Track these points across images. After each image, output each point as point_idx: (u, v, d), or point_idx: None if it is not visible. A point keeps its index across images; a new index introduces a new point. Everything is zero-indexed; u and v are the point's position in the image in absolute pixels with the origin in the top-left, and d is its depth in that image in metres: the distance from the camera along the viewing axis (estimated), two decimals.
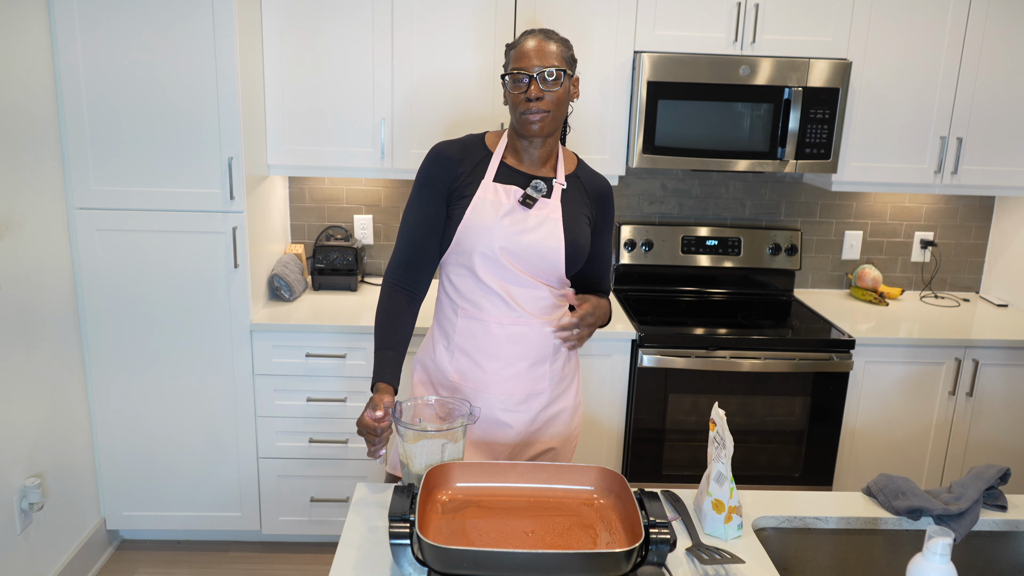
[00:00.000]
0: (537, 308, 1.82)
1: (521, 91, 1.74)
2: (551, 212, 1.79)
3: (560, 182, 1.82)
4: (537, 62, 1.73)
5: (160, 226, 2.60)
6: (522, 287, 1.80)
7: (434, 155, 1.83)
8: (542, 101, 1.73)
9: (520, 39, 1.78)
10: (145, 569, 2.82)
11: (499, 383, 1.84)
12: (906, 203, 3.34)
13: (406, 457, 1.57)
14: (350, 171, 2.87)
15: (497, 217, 1.76)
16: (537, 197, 1.78)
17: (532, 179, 1.81)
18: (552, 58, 1.74)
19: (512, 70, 1.75)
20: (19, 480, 2.38)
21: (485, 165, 1.82)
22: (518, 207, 1.77)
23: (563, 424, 1.95)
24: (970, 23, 2.83)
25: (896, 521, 1.62)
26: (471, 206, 1.77)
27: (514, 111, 1.77)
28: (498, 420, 1.86)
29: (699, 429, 2.85)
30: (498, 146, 1.83)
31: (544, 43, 1.75)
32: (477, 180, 1.80)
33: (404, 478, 1.60)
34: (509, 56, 1.79)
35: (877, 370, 2.86)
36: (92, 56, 2.47)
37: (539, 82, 1.72)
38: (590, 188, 1.89)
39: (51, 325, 2.51)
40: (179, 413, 2.76)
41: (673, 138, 2.82)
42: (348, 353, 2.73)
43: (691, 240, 3.23)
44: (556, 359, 1.89)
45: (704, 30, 2.80)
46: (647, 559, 1.31)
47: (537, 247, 1.77)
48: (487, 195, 1.78)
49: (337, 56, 2.75)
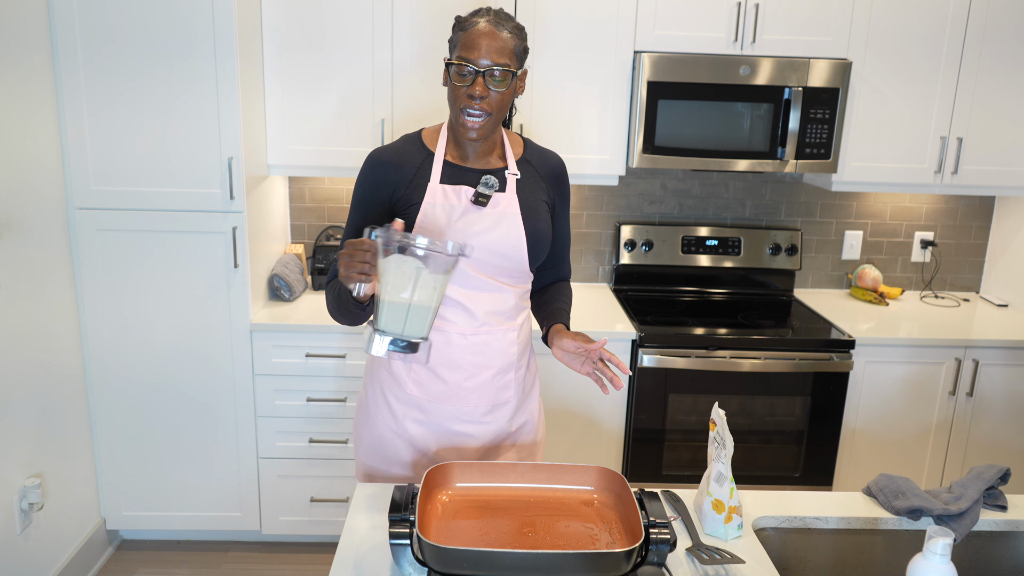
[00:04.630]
0: (500, 313, 1.70)
1: (464, 84, 1.58)
2: (508, 207, 1.66)
3: (513, 172, 1.69)
4: (486, 56, 1.56)
5: (160, 226, 2.60)
6: (483, 291, 1.67)
7: (371, 164, 1.68)
8: (485, 101, 1.58)
9: (471, 20, 1.60)
10: (145, 569, 2.82)
11: (461, 395, 1.71)
12: (906, 203, 3.34)
13: (379, 278, 1.42)
14: (350, 171, 2.86)
15: (450, 222, 1.63)
16: (490, 194, 1.65)
17: (480, 174, 1.67)
18: (504, 53, 1.57)
19: (458, 59, 1.58)
20: (19, 480, 2.38)
21: (428, 167, 1.67)
22: (471, 207, 1.64)
23: (530, 433, 1.84)
24: (970, 23, 2.83)
25: (896, 521, 1.62)
26: (420, 213, 1.63)
27: (453, 104, 1.61)
28: (461, 432, 1.74)
29: (699, 429, 2.85)
30: (439, 143, 1.69)
31: (496, 32, 1.57)
32: (422, 184, 1.65)
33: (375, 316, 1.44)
34: (457, 37, 1.61)
35: (877, 370, 2.86)
36: (94, 64, 2.47)
37: (485, 78, 1.57)
38: (543, 170, 1.76)
39: (51, 325, 2.51)
40: (179, 413, 2.76)
41: (673, 138, 2.82)
42: (348, 353, 2.73)
43: (691, 240, 3.23)
44: (520, 366, 1.77)
45: (704, 30, 2.80)
46: (647, 559, 1.31)
47: (497, 246, 1.65)
48: (436, 199, 1.64)
49: (337, 56, 2.75)
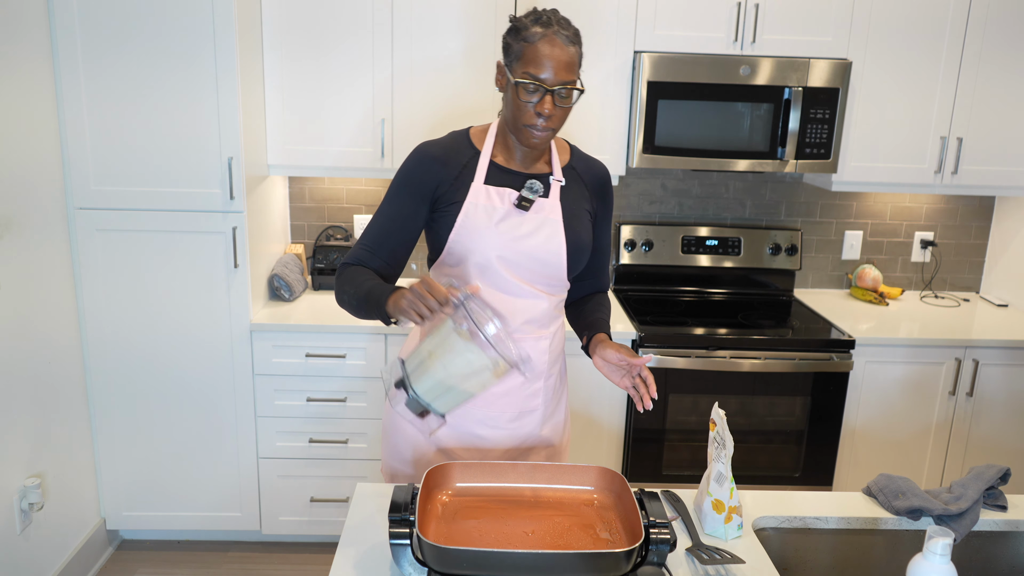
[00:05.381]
0: (534, 321, 1.69)
1: (531, 102, 1.55)
2: (550, 213, 1.64)
3: (558, 179, 1.68)
4: (555, 75, 1.53)
5: (160, 226, 2.60)
6: (519, 298, 1.66)
7: (418, 156, 1.66)
8: (552, 119, 1.56)
9: (534, 31, 1.54)
10: (145, 569, 2.82)
11: (489, 399, 1.69)
12: (906, 203, 3.34)
13: (429, 356, 1.36)
14: (350, 171, 2.87)
15: (491, 223, 1.61)
16: (534, 199, 1.63)
17: (526, 178, 1.66)
18: (571, 70, 1.54)
19: (524, 75, 1.54)
20: (19, 480, 2.38)
21: (473, 166, 1.65)
22: (513, 211, 1.62)
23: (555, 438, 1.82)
24: (970, 23, 2.83)
25: (896, 521, 1.62)
26: (462, 212, 1.61)
27: (514, 115, 1.58)
28: (484, 436, 1.73)
29: (699, 429, 2.85)
30: (485, 143, 1.67)
31: (564, 47, 1.53)
32: (466, 183, 1.63)
33: (392, 381, 1.37)
34: (520, 48, 1.55)
35: (877, 370, 2.86)
36: (94, 63, 2.47)
37: (554, 97, 1.54)
38: (588, 179, 1.74)
39: (51, 325, 2.51)
40: (179, 413, 2.76)
41: (673, 138, 2.82)
42: (348, 353, 2.73)
43: (691, 240, 3.23)
44: (551, 375, 1.76)
45: (704, 30, 2.79)
46: (647, 559, 1.31)
47: (536, 252, 1.63)
48: (478, 200, 1.62)
49: (337, 56, 2.75)
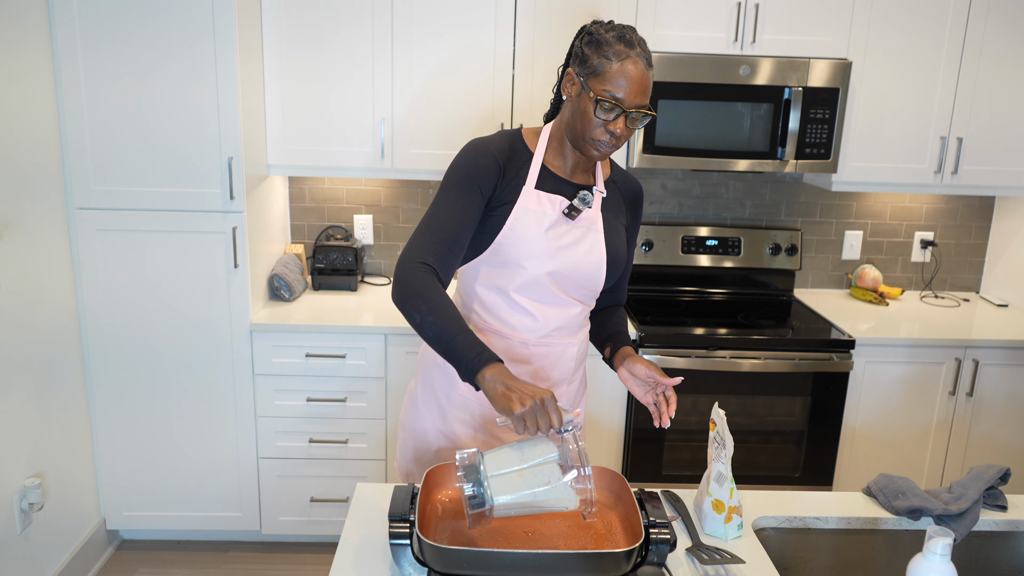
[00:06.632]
0: (565, 328, 1.69)
1: (606, 119, 1.53)
2: (593, 224, 1.65)
3: (600, 190, 1.68)
4: (636, 99, 1.52)
5: (160, 226, 2.60)
6: (554, 305, 1.66)
7: (478, 150, 1.61)
8: (621, 138, 1.56)
9: (618, 49, 1.52)
10: (145, 569, 2.82)
11: None
12: (906, 203, 3.34)
13: (520, 475, 1.34)
14: (350, 171, 2.87)
15: (540, 230, 1.60)
16: (582, 209, 1.63)
17: (572, 186, 1.66)
18: (647, 94, 1.54)
19: (605, 93, 1.52)
20: (19, 480, 2.38)
21: (526, 169, 1.63)
22: (561, 218, 1.62)
23: None
24: (970, 23, 2.83)
25: (896, 521, 1.62)
26: (512, 215, 1.59)
27: (583, 126, 1.56)
28: (500, 439, 1.73)
29: (699, 429, 2.85)
30: (538, 147, 1.65)
31: (646, 72, 1.53)
32: (518, 186, 1.61)
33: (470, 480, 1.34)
34: (600, 64, 1.53)
35: (877, 370, 2.86)
36: (93, 61, 2.47)
37: (628, 119, 1.54)
38: (625, 193, 1.76)
39: (51, 325, 2.51)
40: (179, 413, 2.76)
41: (673, 138, 2.82)
42: (348, 353, 2.73)
43: (691, 240, 3.23)
44: (574, 380, 1.77)
45: (704, 30, 2.79)
46: (647, 559, 1.31)
47: (578, 261, 1.63)
48: (529, 204, 1.60)
49: (337, 55, 2.75)
